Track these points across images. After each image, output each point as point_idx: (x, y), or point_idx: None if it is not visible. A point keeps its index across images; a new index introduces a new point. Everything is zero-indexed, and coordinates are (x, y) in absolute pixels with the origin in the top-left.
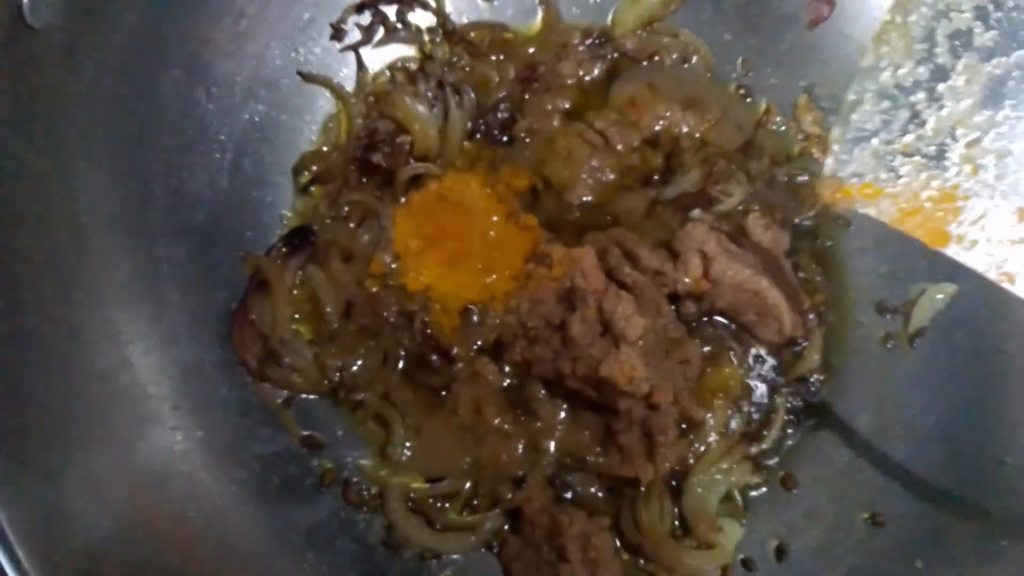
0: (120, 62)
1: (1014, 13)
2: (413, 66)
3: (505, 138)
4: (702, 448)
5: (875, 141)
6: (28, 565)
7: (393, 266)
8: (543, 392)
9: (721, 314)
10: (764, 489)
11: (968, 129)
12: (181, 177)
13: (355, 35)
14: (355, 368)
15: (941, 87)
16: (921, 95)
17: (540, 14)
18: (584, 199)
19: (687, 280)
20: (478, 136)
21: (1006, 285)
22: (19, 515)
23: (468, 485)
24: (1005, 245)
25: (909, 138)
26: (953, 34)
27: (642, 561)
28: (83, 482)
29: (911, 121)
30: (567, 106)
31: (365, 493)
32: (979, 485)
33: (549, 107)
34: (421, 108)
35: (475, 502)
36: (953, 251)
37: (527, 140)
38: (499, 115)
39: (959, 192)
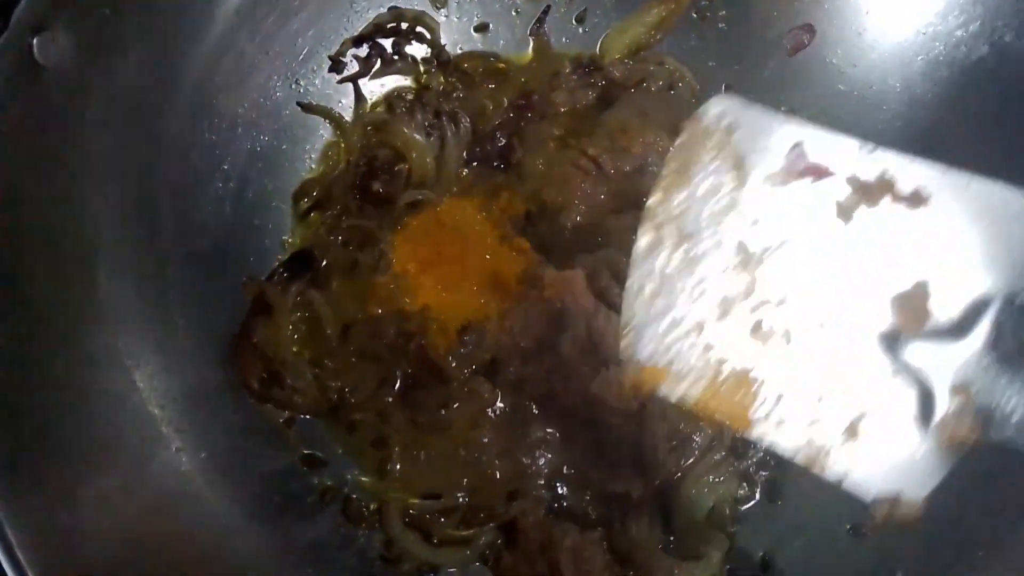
0: (127, 98)
1: (773, 196)
2: (410, 96)
3: (502, 165)
4: (691, 462)
5: (663, 324)
6: None
7: (391, 289)
8: (536, 410)
9: None
10: (751, 502)
11: (749, 311)
12: (187, 205)
13: (353, 67)
14: (354, 388)
15: (716, 269)
16: (696, 278)
17: (531, 44)
18: (576, 221)
19: None
20: (475, 163)
21: (814, 470)
22: (29, 535)
23: (464, 500)
24: (806, 426)
25: (694, 321)
26: (718, 217)
27: (632, 573)
28: (92, 502)
29: (693, 304)
30: (561, 132)
31: (364, 509)
32: (960, 496)
33: (544, 135)
34: (418, 136)
35: (470, 517)
36: (758, 435)
37: (524, 167)
38: (497, 143)
39: (752, 376)
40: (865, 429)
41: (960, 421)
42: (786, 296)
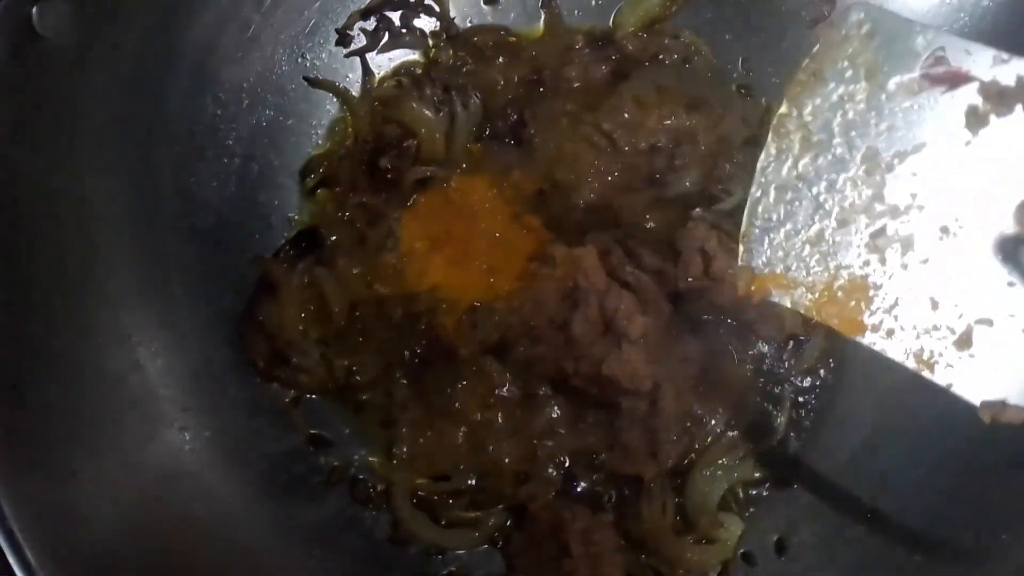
0: (128, 70)
1: (907, 103)
2: (419, 70)
3: (513, 142)
4: (705, 444)
5: (782, 232)
6: (36, 564)
7: (399, 267)
8: (546, 391)
9: (722, 312)
10: (765, 484)
11: (871, 219)
12: (190, 182)
13: (361, 40)
14: (361, 368)
15: (842, 178)
16: (823, 186)
17: (543, 17)
18: (589, 199)
19: (688, 278)
20: (485, 140)
21: (925, 373)
22: (28, 516)
23: (472, 482)
24: (919, 334)
25: (815, 229)
26: (849, 125)
27: (644, 556)
28: (93, 482)
29: (815, 212)
30: (573, 108)
31: (371, 490)
32: (980, 480)
33: (556, 111)
34: (427, 112)
35: (479, 499)
36: (869, 340)
37: (535, 144)
38: (508, 120)
39: (869, 281)
40: (978, 337)
41: None
42: (911, 204)
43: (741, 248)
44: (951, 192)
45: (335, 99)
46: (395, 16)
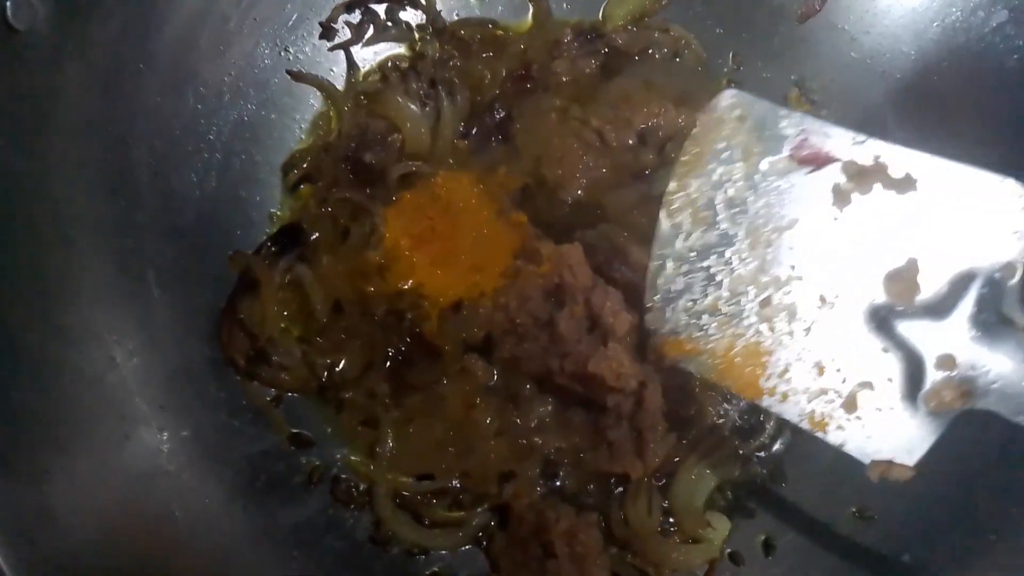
0: (105, 63)
1: (778, 182)
2: (404, 64)
3: (500, 137)
4: (692, 443)
5: (682, 302)
6: (8, 568)
7: (383, 264)
8: (531, 389)
9: None
10: (753, 484)
11: (759, 289)
12: (169, 177)
13: (345, 34)
14: (343, 366)
15: (729, 251)
16: (713, 259)
17: (531, 10)
18: (576, 195)
19: None
20: (471, 136)
21: (819, 434)
22: (1, 517)
23: (456, 482)
24: (811, 397)
25: (710, 299)
26: (730, 202)
27: (629, 556)
28: (67, 483)
29: (709, 283)
30: (561, 103)
31: (353, 490)
32: (968, 479)
33: (544, 107)
34: (413, 107)
35: (463, 498)
36: (767, 403)
37: (523, 139)
38: (495, 115)
39: (761, 348)
40: (862, 400)
41: (946, 390)
42: (791, 275)
43: (648, 316)
44: (825, 264)
45: (318, 93)
46: (380, 9)
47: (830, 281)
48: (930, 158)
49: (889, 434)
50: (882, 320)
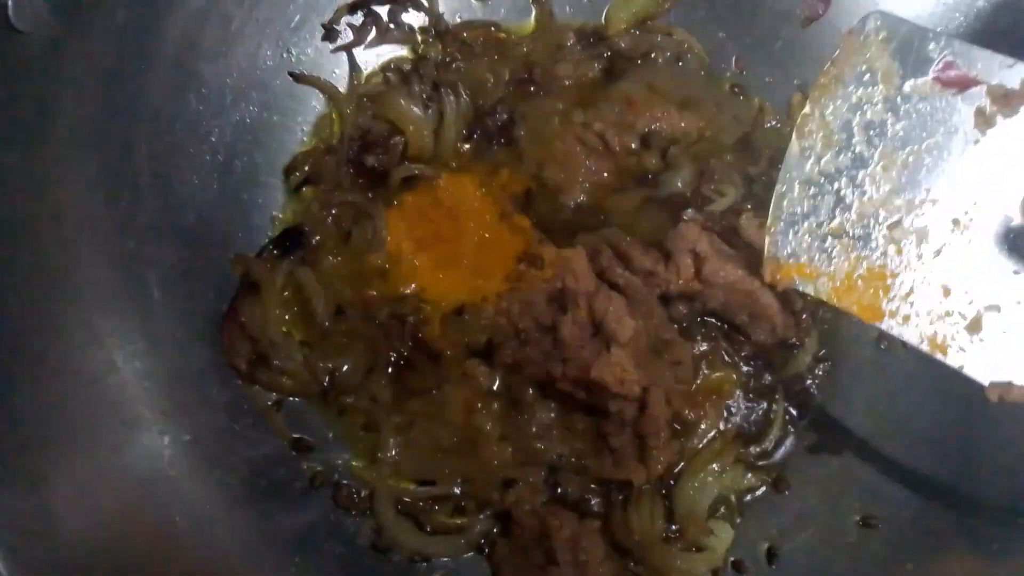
0: (106, 64)
1: (920, 105)
2: (407, 66)
3: (503, 140)
4: (695, 450)
5: (806, 225)
6: (6, 572)
7: (385, 268)
8: (534, 394)
9: (713, 315)
10: (756, 491)
11: (889, 212)
12: (170, 179)
13: (347, 36)
14: (345, 370)
15: (861, 174)
16: (844, 182)
17: (533, 13)
18: (579, 199)
19: (679, 281)
20: (475, 138)
21: (939, 356)
22: (1, 521)
23: (458, 488)
24: (933, 319)
25: (836, 222)
26: (867, 125)
27: (632, 564)
28: (68, 488)
29: (837, 206)
30: (564, 107)
31: (355, 496)
32: (972, 486)
33: (547, 110)
34: (415, 109)
35: (464, 505)
36: (887, 325)
37: (526, 143)
38: (497, 118)
39: (887, 270)
40: (987, 322)
41: None
42: (924, 198)
43: (767, 239)
44: (962, 187)
45: (321, 95)
46: (383, 11)
47: (965, 204)
48: None
49: (1012, 356)
50: (1016, 243)
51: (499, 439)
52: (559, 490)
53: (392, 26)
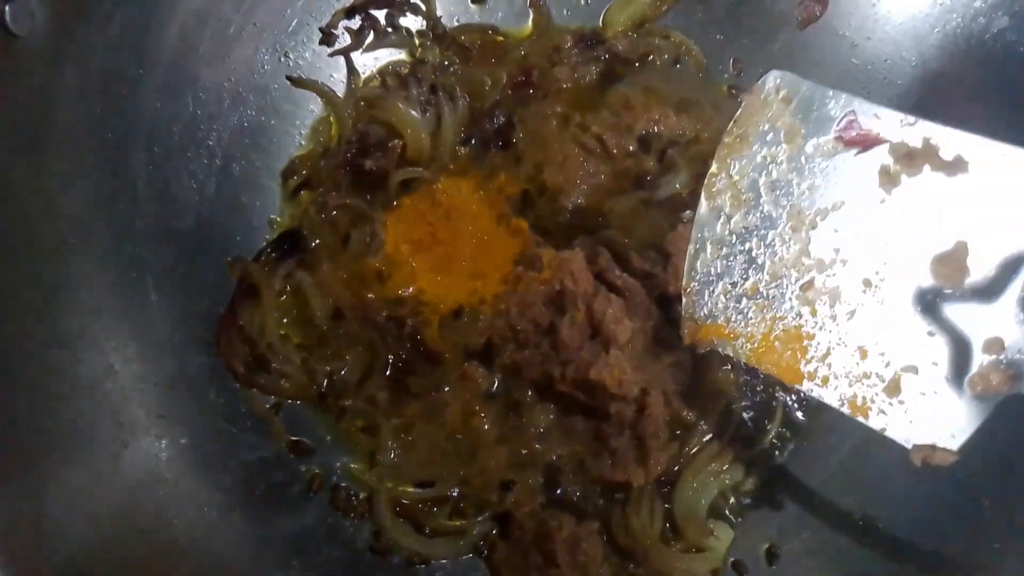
0: (104, 68)
1: (824, 164)
2: (404, 70)
3: (500, 143)
4: (694, 451)
5: (720, 285)
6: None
7: (383, 270)
8: (532, 396)
9: None
10: (756, 491)
11: (800, 273)
12: (168, 182)
13: (345, 39)
14: (343, 373)
15: (771, 234)
16: (755, 242)
17: (531, 16)
18: (577, 202)
19: (677, 282)
20: (473, 141)
21: (860, 418)
22: None
23: (457, 490)
24: (852, 381)
25: (750, 282)
26: (773, 184)
27: (632, 565)
28: (65, 491)
29: (749, 266)
30: (562, 110)
31: (353, 498)
32: (971, 489)
33: (545, 113)
34: (413, 112)
35: (463, 507)
36: (807, 387)
37: (524, 145)
38: (495, 121)
39: (803, 332)
40: (905, 384)
41: (994, 374)
42: (835, 258)
43: (684, 299)
44: (871, 247)
45: (319, 99)
46: (380, 15)
47: (875, 264)
48: (982, 140)
49: (932, 418)
50: (929, 303)
51: (498, 441)
52: (558, 492)
53: (390, 30)
